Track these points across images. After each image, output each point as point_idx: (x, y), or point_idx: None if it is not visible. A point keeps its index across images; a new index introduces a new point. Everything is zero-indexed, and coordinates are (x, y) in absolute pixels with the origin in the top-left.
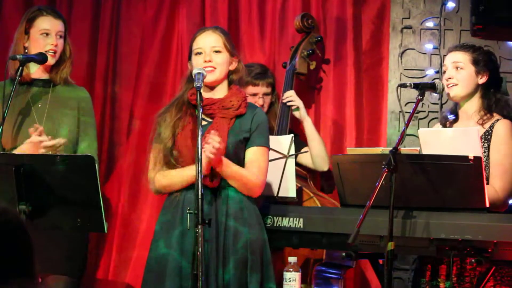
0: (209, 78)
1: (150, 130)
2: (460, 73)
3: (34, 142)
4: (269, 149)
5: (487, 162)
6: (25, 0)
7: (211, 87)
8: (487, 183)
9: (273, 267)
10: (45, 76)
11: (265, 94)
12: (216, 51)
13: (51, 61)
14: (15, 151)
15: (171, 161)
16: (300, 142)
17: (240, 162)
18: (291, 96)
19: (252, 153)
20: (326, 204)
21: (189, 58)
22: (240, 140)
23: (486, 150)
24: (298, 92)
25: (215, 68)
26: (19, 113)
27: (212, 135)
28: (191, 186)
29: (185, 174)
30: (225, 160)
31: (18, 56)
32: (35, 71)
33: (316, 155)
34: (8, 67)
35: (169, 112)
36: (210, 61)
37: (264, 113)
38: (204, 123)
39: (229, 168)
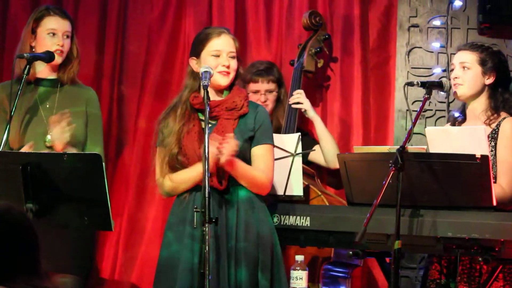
0: (224, 81)
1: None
2: (466, 73)
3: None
4: (274, 146)
5: (494, 160)
6: None
7: (220, 90)
8: (495, 182)
9: (284, 268)
10: (52, 75)
11: (268, 91)
12: (232, 57)
13: (58, 59)
14: None
15: (176, 166)
16: (311, 140)
17: (247, 161)
18: (299, 98)
19: (258, 152)
20: (333, 202)
21: (196, 55)
22: (245, 139)
23: (493, 149)
24: (305, 90)
25: (229, 73)
26: (26, 112)
27: (230, 138)
28: (200, 187)
29: (194, 173)
30: (236, 161)
31: (25, 55)
32: (42, 70)
33: (328, 152)
34: (15, 66)
35: (172, 117)
36: (228, 66)
37: (266, 110)
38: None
39: (240, 168)
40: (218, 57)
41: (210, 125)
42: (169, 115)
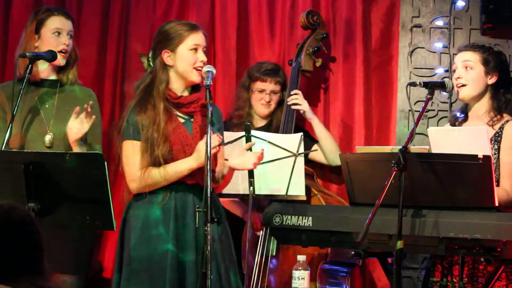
0: (198, 79)
1: None
2: (469, 73)
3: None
4: None
5: (497, 163)
6: None
7: (191, 85)
8: (497, 185)
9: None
10: (53, 76)
11: (273, 92)
12: (205, 52)
13: (62, 61)
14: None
15: (164, 162)
16: (309, 138)
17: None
18: (297, 99)
19: (221, 151)
20: (331, 201)
21: (171, 49)
22: None
23: (496, 152)
24: (307, 90)
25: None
26: (27, 113)
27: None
28: (181, 186)
29: (186, 165)
30: None
31: (27, 54)
32: (44, 70)
33: (329, 152)
34: (18, 66)
35: (153, 112)
36: (205, 62)
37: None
38: (182, 120)
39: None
40: (195, 52)
41: (184, 121)
42: (146, 109)
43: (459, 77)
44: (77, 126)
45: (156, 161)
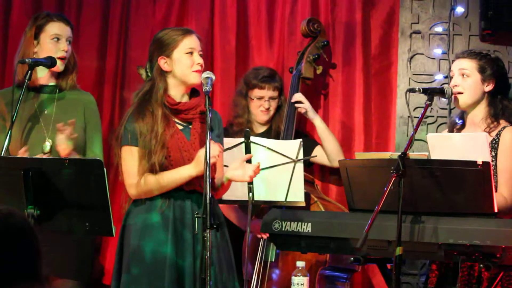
0: (199, 80)
1: None
2: (466, 81)
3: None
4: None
5: (495, 170)
6: (33, 4)
7: (185, 91)
8: (496, 191)
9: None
10: (52, 81)
11: (272, 98)
12: (201, 55)
13: (61, 67)
14: None
15: (161, 168)
16: (310, 141)
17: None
18: (300, 97)
19: (221, 158)
20: (330, 208)
21: (167, 55)
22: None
23: (493, 159)
24: (307, 96)
25: (201, 71)
26: (27, 119)
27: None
28: (180, 193)
29: (185, 174)
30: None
31: (27, 60)
32: (43, 76)
33: (331, 152)
34: (17, 72)
35: (151, 118)
36: (202, 64)
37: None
38: (180, 127)
39: None
40: (191, 56)
41: (182, 127)
42: (145, 115)
43: (455, 85)
44: (63, 142)
45: (154, 167)
